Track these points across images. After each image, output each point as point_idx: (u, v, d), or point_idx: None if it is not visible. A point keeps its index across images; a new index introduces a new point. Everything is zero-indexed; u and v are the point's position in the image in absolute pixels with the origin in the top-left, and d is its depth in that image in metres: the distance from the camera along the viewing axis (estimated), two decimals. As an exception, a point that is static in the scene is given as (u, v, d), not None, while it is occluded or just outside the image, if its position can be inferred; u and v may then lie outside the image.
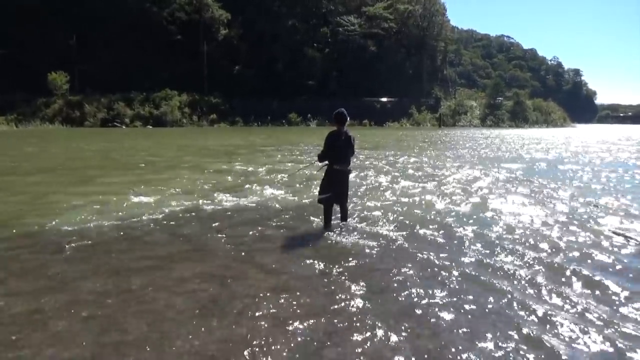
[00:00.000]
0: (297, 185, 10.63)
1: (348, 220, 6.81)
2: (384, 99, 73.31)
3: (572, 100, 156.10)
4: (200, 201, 8.59)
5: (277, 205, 8.31)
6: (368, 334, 3.47)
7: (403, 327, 3.57)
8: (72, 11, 59.19)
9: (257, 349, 3.23)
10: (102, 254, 5.36)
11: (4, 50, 55.53)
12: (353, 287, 4.40)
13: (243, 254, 5.47)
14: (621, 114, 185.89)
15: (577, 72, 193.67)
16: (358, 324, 3.63)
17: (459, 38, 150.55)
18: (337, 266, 5.00)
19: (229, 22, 70.20)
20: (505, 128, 68.88)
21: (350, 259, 5.26)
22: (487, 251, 5.59)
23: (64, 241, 5.85)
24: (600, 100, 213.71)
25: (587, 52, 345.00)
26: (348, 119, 6.46)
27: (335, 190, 6.44)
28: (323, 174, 6.64)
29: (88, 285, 4.40)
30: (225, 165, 14.96)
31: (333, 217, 6.69)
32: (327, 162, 6.49)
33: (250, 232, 6.40)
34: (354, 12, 78.12)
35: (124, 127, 54.09)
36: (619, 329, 3.59)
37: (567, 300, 4.17)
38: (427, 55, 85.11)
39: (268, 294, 4.22)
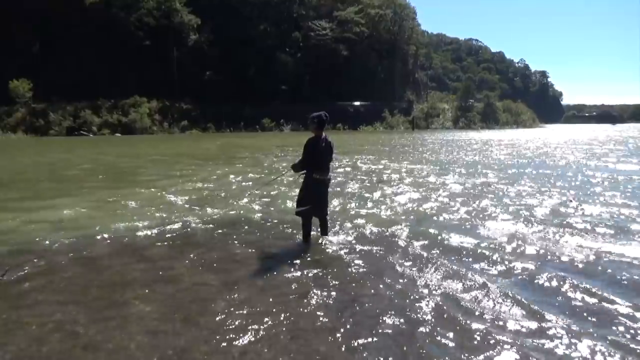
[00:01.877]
0: (271, 196, 9.90)
1: (329, 234, 6.27)
2: (357, 103, 73.36)
3: (540, 101, 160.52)
4: (164, 217, 7.92)
5: (249, 219, 7.66)
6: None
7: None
8: (36, 16, 57.22)
9: None
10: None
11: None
12: (331, 308, 3.99)
13: (212, 275, 4.97)
14: (586, 114, 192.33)
15: (543, 74, 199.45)
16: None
17: (429, 42, 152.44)
18: (316, 286, 4.57)
19: (199, 28, 69.11)
20: (477, 130, 69.81)
21: (331, 276, 4.84)
22: (467, 263, 5.26)
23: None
24: (566, 100, 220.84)
25: (553, 55, 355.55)
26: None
27: (314, 201, 5.88)
28: (302, 184, 6.06)
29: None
30: (191, 175, 14.08)
31: (312, 231, 6.19)
32: (304, 171, 5.89)
33: (220, 251, 5.84)
34: (325, 17, 78.10)
35: (91, 135, 52.48)
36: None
37: (548, 311, 3.95)
38: (398, 59, 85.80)
39: (238, 321, 3.77)
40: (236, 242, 6.25)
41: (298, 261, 5.34)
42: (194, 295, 4.36)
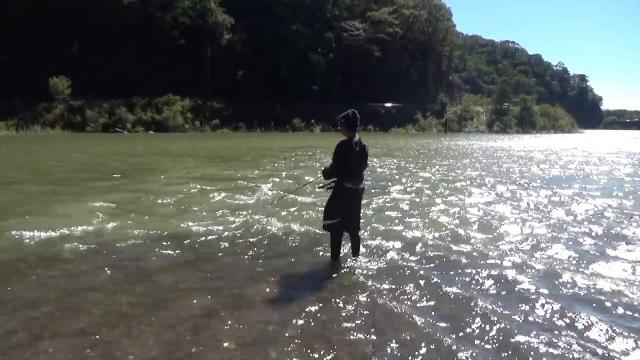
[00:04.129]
0: (298, 205, 8.88)
1: (360, 254, 5.54)
2: (389, 104, 72.41)
3: (578, 106, 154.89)
4: (169, 226, 7.16)
5: (271, 232, 6.83)
6: None
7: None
8: (75, 16, 58.70)
9: None
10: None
11: (5, 56, 55.11)
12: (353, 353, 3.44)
13: (220, 299, 4.35)
14: (627, 120, 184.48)
15: (582, 78, 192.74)
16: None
17: (464, 44, 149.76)
18: (338, 321, 3.93)
19: (233, 27, 69.58)
20: (513, 134, 67.75)
21: (359, 308, 4.19)
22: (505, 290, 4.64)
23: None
24: (606, 106, 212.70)
25: (593, 58, 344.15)
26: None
27: (346, 214, 5.15)
28: (330, 194, 5.32)
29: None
30: (209, 180, 13.06)
31: (342, 248, 5.50)
32: (334, 179, 5.17)
33: (232, 269, 5.16)
34: (358, 17, 77.45)
35: (125, 132, 53.42)
36: None
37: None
38: (432, 60, 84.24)
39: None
40: (253, 259, 5.56)
41: (321, 287, 4.67)
42: (195, 329, 3.75)
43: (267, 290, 4.57)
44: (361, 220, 5.54)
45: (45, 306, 4.15)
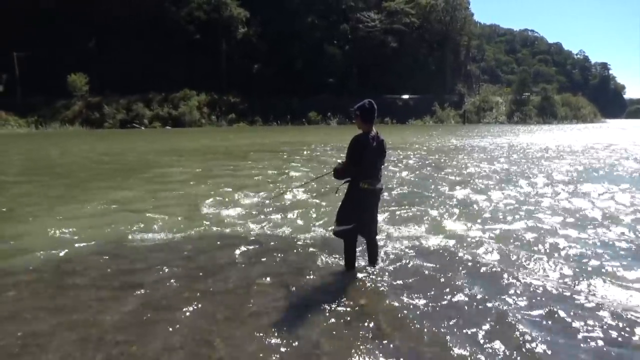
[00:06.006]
0: (305, 207, 7.92)
1: (379, 261, 4.95)
2: (406, 96, 71.41)
3: (600, 95, 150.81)
4: (175, 228, 6.66)
5: (277, 237, 6.13)
6: None
7: None
8: (91, 12, 59.02)
9: None
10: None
11: (24, 53, 55.69)
12: None
13: (228, 311, 3.90)
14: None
15: (604, 66, 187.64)
16: None
17: (482, 33, 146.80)
18: (354, 343, 3.41)
19: (248, 21, 69.31)
20: (534, 124, 66.20)
21: (377, 330, 3.63)
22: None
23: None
24: (629, 94, 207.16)
25: (615, 46, 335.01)
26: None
27: (362, 218, 4.59)
28: (344, 195, 4.71)
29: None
30: (229, 177, 12.37)
31: (358, 255, 4.90)
32: (349, 178, 4.59)
33: (234, 281, 4.62)
34: (374, 8, 76.50)
35: (142, 128, 53.69)
36: None
37: None
38: (449, 50, 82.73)
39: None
40: (255, 267, 4.94)
41: (333, 302, 4.06)
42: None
43: (272, 304, 4.02)
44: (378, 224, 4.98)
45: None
